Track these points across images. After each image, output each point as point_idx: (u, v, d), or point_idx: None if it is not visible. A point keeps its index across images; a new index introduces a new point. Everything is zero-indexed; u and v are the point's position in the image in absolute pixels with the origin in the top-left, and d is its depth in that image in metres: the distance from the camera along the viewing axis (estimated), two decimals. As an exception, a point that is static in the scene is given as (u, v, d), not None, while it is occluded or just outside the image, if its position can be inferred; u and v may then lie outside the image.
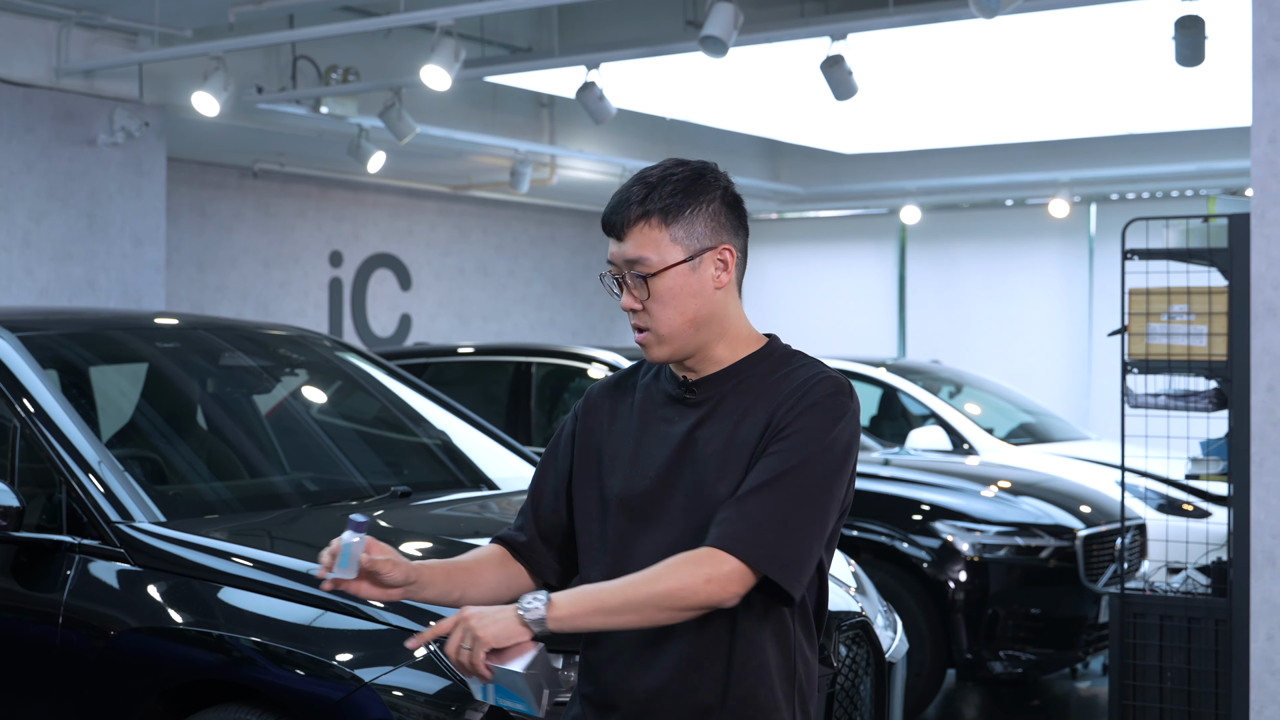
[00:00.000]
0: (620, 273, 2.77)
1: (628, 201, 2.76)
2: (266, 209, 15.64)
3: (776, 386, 2.75)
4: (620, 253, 2.76)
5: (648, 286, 2.74)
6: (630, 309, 2.76)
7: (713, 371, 2.80)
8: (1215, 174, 15.11)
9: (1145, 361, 5.93)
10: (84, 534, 4.37)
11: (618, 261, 2.77)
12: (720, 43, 8.62)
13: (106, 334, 5.57)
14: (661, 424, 2.81)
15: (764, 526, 2.60)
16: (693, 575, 2.59)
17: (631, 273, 2.75)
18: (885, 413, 11.21)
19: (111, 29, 10.54)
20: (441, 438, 5.79)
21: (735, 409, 2.75)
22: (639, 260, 2.74)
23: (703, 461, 2.74)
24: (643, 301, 2.75)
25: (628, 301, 2.76)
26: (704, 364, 2.80)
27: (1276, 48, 5.42)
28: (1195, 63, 8.59)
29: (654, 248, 2.74)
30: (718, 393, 2.78)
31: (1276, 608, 5.47)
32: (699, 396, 2.79)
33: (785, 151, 16.92)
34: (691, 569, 2.59)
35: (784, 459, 2.64)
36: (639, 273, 2.74)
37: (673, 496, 2.76)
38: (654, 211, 2.74)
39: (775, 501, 2.62)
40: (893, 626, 4.96)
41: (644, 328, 2.76)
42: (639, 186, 2.76)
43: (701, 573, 2.58)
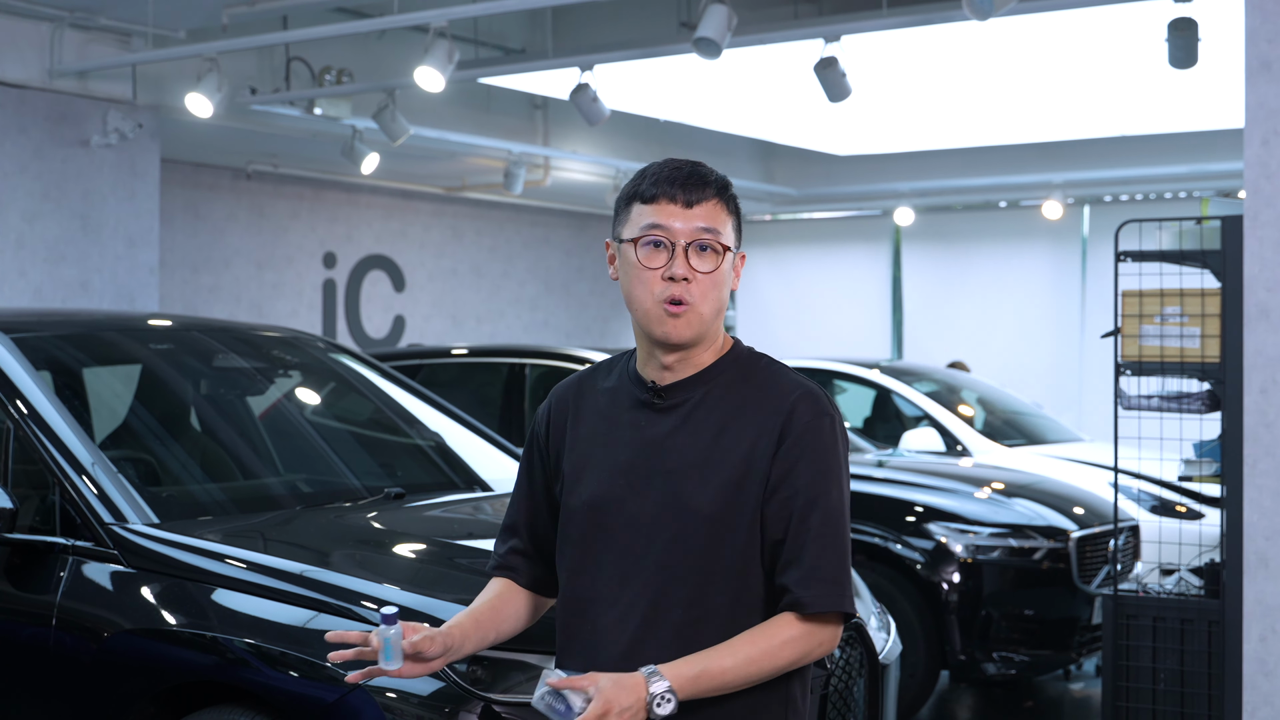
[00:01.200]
0: (672, 239, 2.71)
1: (704, 176, 2.74)
2: (260, 210, 15.63)
3: (752, 400, 2.74)
4: (689, 220, 2.71)
5: (717, 260, 2.72)
6: (682, 277, 2.69)
7: (688, 375, 2.77)
8: (1208, 176, 15.13)
9: (1138, 363, 5.94)
10: (77, 535, 4.37)
11: (679, 228, 2.71)
12: (714, 44, 8.63)
13: (100, 335, 5.56)
14: (628, 429, 2.78)
15: (835, 575, 2.67)
16: (809, 644, 2.67)
17: (700, 241, 2.70)
18: (879, 414, 11.21)
19: (105, 30, 10.54)
20: (435, 439, 5.79)
21: (710, 420, 2.74)
22: (714, 231, 2.72)
23: (678, 472, 2.73)
24: (698, 273, 2.71)
25: (682, 268, 2.69)
26: (685, 365, 2.77)
27: (1269, 50, 5.43)
28: (1188, 65, 8.60)
29: (723, 226, 2.74)
30: (687, 399, 2.76)
31: (1269, 609, 5.48)
32: (667, 401, 2.77)
33: (779, 153, 16.93)
34: (807, 639, 2.67)
35: (814, 501, 2.68)
36: (713, 243, 2.71)
37: (642, 504, 2.74)
38: (726, 196, 2.76)
39: (828, 547, 2.68)
40: (886, 628, 4.96)
41: (687, 301, 2.70)
42: (702, 168, 2.75)
43: (815, 640, 2.67)
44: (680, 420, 2.76)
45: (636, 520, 2.74)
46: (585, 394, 2.87)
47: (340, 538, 4.70)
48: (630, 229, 2.75)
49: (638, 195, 2.75)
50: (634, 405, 2.80)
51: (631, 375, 2.83)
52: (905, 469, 8.31)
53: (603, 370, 2.90)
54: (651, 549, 2.72)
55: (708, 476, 2.71)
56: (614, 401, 2.82)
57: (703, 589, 2.71)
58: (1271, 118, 5.42)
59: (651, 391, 2.78)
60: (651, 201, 2.72)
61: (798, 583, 2.66)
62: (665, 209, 2.71)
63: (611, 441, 2.79)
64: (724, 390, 2.77)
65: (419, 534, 4.87)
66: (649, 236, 2.71)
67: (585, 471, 2.80)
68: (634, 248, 2.73)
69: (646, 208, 2.73)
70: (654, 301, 2.71)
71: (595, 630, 2.75)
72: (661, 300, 2.71)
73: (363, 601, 3.93)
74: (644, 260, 2.72)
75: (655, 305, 2.71)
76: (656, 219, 2.71)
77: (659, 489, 2.73)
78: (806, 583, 2.66)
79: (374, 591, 3.98)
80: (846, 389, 11.39)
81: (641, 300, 2.73)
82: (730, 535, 2.71)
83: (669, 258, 2.70)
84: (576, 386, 2.90)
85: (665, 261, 2.71)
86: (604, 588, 2.75)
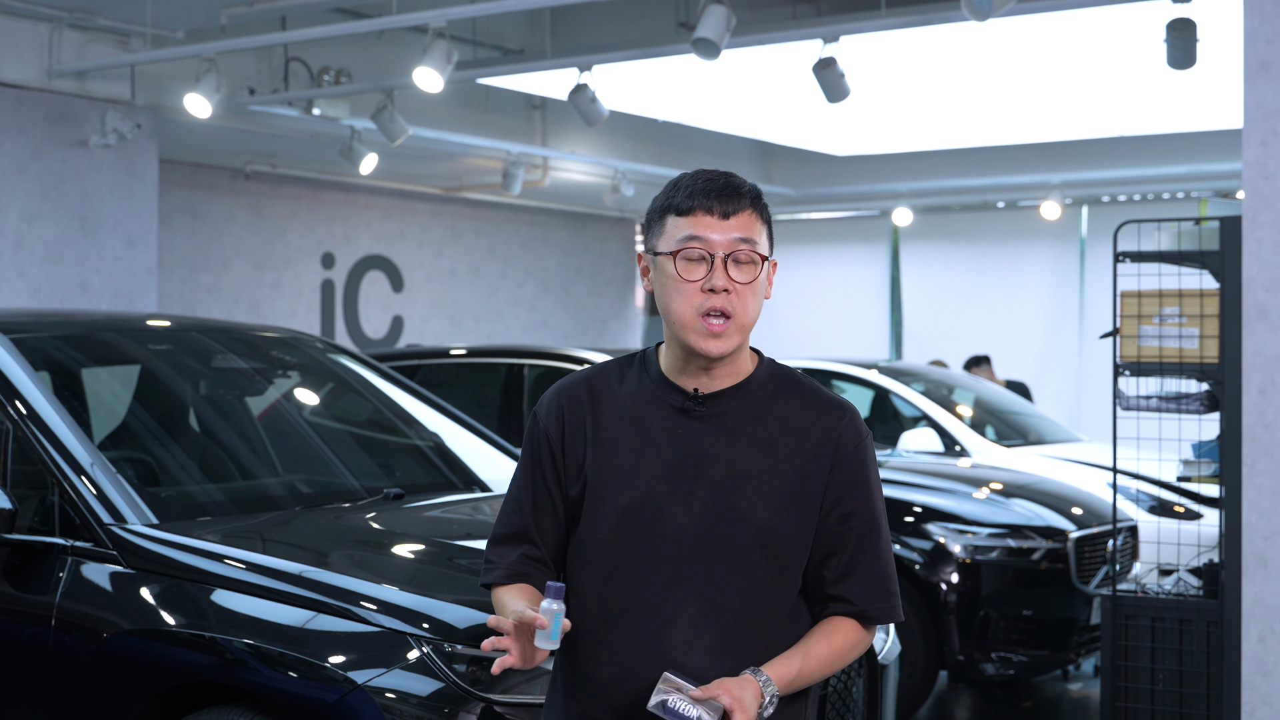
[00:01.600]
0: (711, 250, 2.71)
1: (738, 186, 2.75)
2: (258, 211, 15.63)
3: (797, 416, 2.80)
4: (726, 231, 2.72)
5: (755, 270, 2.74)
6: (723, 289, 2.70)
7: (730, 384, 2.78)
8: (1207, 176, 15.14)
9: (1137, 363, 5.94)
10: (76, 536, 4.37)
11: (717, 239, 2.71)
12: (712, 45, 8.63)
13: (99, 336, 5.57)
14: (663, 435, 2.77)
15: (893, 588, 2.83)
16: (865, 647, 2.84)
17: (738, 252, 2.72)
18: (877, 414, 11.21)
19: (103, 30, 10.53)
20: (434, 440, 5.79)
21: (759, 433, 2.77)
22: (751, 241, 2.73)
23: (727, 482, 2.74)
24: (738, 284, 2.72)
25: (722, 280, 2.70)
26: (724, 373, 2.78)
27: (1268, 51, 5.43)
28: (1187, 65, 8.60)
29: (758, 236, 2.76)
30: (728, 409, 2.77)
31: (1268, 610, 5.48)
32: (709, 410, 2.77)
33: (777, 153, 16.93)
34: (865, 643, 2.83)
35: (870, 521, 2.80)
36: (750, 253, 2.73)
37: (686, 511, 2.73)
38: (759, 206, 2.78)
39: (885, 562, 2.82)
40: (885, 628, 4.97)
41: (728, 313, 2.71)
42: (736, 178, 2.77)
43: (868, 643, 2.84)
44: (724, 430, 2.77)
45: (681, 527, 2.73)
46: (601, 397, 2.84)
47: (339, 538, 4.70)
48: (666, 241, 2.75)
49: (672, 207, 2.75)
50: (669, 411, 2.78)
51: (658, 381, 2.82)
52: (904, 469, 8.31)
53: (613, 373, 2.87)
54: (698, 556, 2.73)
55: (761, 488, 2.74)
56: (641, 406, 2.81)
57: (750, 597, 2.74)
58: (1270, 118, 5.43)
59: (693, 399, 2.78)
60: (687, 214, 2.73)
61: (862, 596, 2.79)
62: (702, 220, 2.72)
63: (644, 446, 2.77)
64: (767, 403, 2.80)
65: (418, 534, 4.88)
66: (687, 249, 2.72)
67: (615, 475, 2.77)
68: (672, 260, 2.73)
69: (682, 219, 2.73)
70: (694, 314, 2.71)
71: (636, 636, 2.74)
72: (701, 312, 2.71)
73: (361, 602, 3.94)
74: (683, 273, 2.72)
75: (695, 318, 2.71)
76: (694, 230, 2.72)
77: (704, 497, 2.73)
78: (871, 596, 2.79)
79: (372, 592, 3.98)
80: (845, 389, 11.39)
81: (681, 313, 2.73)
82: (781, 546, 2.75)
83: (708, 269, 2.71)
84: (587, 386, 2.86)
85: (704, 274, 2.71)
86: (644, 594, 2.74)
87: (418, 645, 3.81)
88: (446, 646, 3.79)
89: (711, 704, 2.58)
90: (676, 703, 2.60)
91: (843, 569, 2.78)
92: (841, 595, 2.78)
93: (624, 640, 2.74)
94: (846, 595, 2.78)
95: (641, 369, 2.85)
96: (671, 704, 2.60)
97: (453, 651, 3.78)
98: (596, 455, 2.79)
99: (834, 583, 2.78)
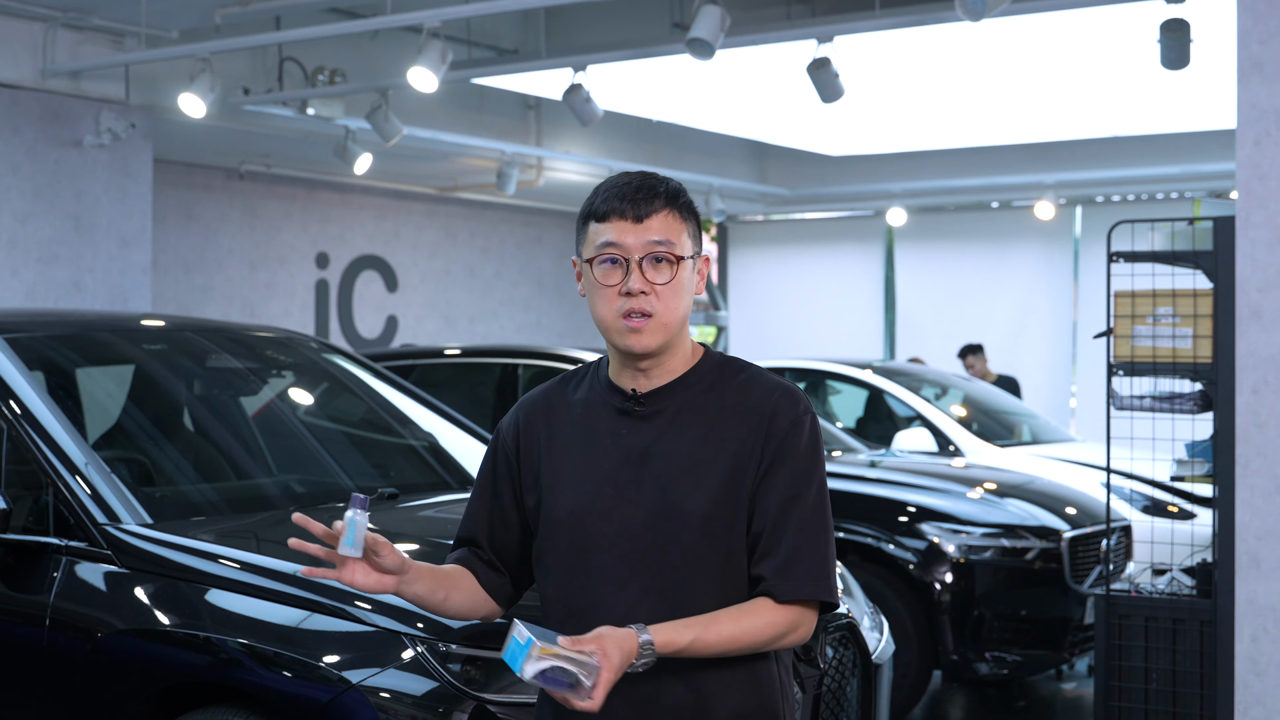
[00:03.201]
0: (626, 254, 2.75)
1: (653, 188, 2.78)
2: (253, 211, 15.62)
3: (734, 403, 2.80)
4: (641, 234, 2.75)
5: (673, 270, 2.76)
6: (640, 291, 2.74)
7: (665, 382, 2.82)
8: (1200, 177, 15.16)
9: (1130, 363, 5.95)
10: (70, 536, 4.37)
11: (631, 243, 2.75)
12: (707, 45, 8.63)
13: (93, 336, 5.56)
14: (608, 438, 2.82)
15: (809, 566, 2.74)
16: (784, 627, 2.74)
17: (654, 254, 2.75)
18: (871, 414, 11.23)
19: (97, 30, 10.53)
20: (428, 439, 5.79)
21: (694, 424, 2.79)
22: (667, 243, 2.76)
23: (667, 476, 2.77)
24: (656, 285, 2.75)
25: (638, 283, 2.73)
26: (659, 371, 2.82)
27: (1261, 51, 5.44)
28: (1180, 66, 8.61)
29: (676, 236, 2.78)
30: (668, 405, 2.81)
31: (1261, 609, 5.49)
32: (649, 409, 2.81)
33: (772, 153, 16.95)
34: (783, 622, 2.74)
35: (793, 497, 2.75)
36: (666, 254, 2.75)
37: (634, 510, 2.77)
38: (678, 205, 2.80)
39: (806, 540, 2.75)
40: (879, 628, 4.97)
41: (647, 312, 2.74)
42: (651, 179, 2.79)
43: (791, 623, 2.74)
44: (663, 426, 2.80)
45: (629, 526, 2.77)
46: (555, 406, 2.90)
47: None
48: (588, 248, 2.80)
49: (591, 214, 2.80)
50: (612, 414, 2.83)
51: (605, 385, 2.87)
52: (898, 469, 8.32)
53: (571, 382, 2.93)
54: (649, 552, 2.76)
55: (698, 478, 2.76)
56: (589, 411, 2.86)
57: (702, 588, 2.76)
58: (1263, 118, 5.44)
59: (632, 399, 2.82)
60: (604, 219, 2.78)
61: (774, 572, 2.74)
62: (617, 225, 2.76)
63: (591, 450, 2.82)
64: (704, 395, 2.82)
65: (412, 534, 4.87)
66: (604, 255, 2.77)
67: (565, 481, 2.83)
68: (591, 267, 2.79)
69: (600, 225, 2.78)
70: (614, 316, 2.77)
71: None
72: (620, 314, 2.76)
73: (356, 601, 3.94)
74: (601, 279, 2.77)
75: (616, 320, 2.77)
76: (609, 236, 2.76)
77: (649, 493, 2.77)
78: (783, 573, 2.74)
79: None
80: (839, 389, 11.41)
81: (603, 316, 2.79)
82: (722, 532, 2.77)
83: (624, 274, 2.76)
84: (544, 399, 2.94)
85: (621, 278, 2.76)
86: (602, 593, 2.78)
87: (412, 645, 3.81)
88: (441, 646, 3.79)
89: (587, 663, 2.54)
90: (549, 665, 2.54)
91: (764, 548, 2.76)
92: (758, 574, 2.77)
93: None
94: (761, 572, 2.76)
95: (594, 376, 2.91)
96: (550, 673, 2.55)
97: (447, 651, 3.78)
98: (550, 463, 2.86)
99: (755, 562, 2.77)
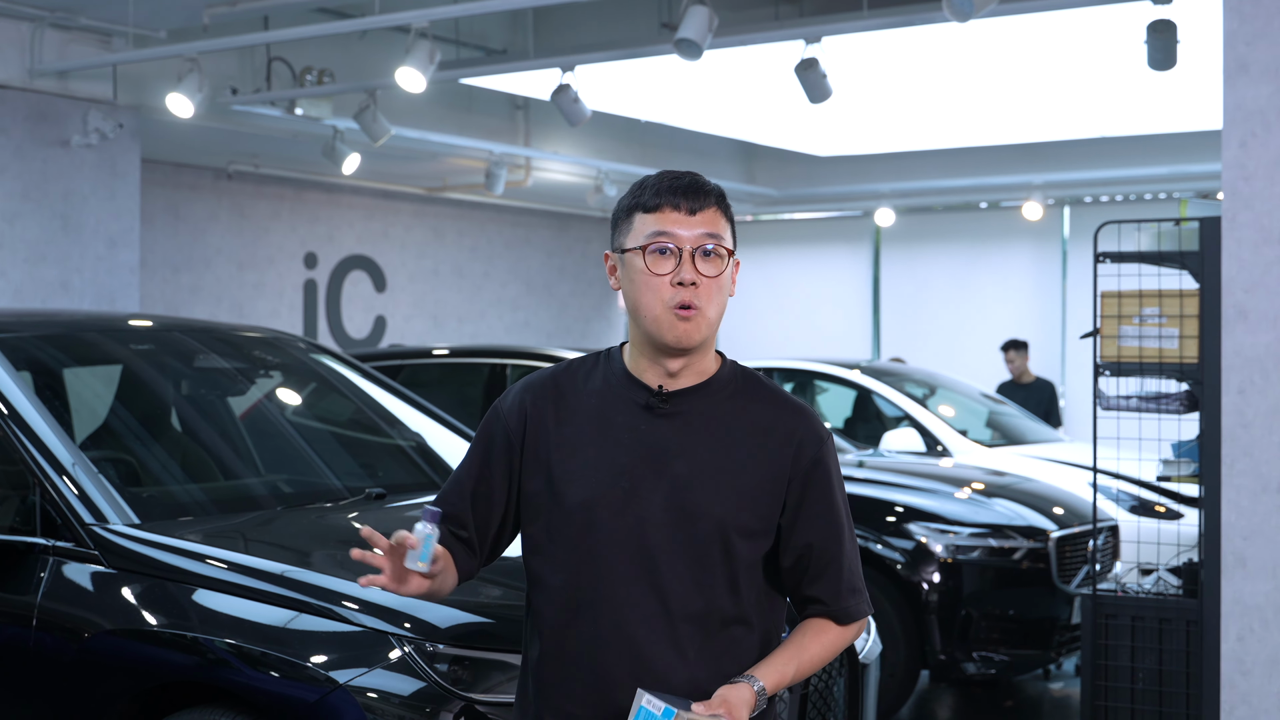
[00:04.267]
0: (679, 244, 2.75)
1: (704, 185, 2.81)
2: (241, 211, 15.61)
3: (758, 419, 2.83)
4: (693, 226, 2.77)
5: (722, 264, 2.78)
6: (691, 281, 2.74)
7: (692, 383, 2.82)
8: (1188, 177, 15.19)
9: (1117, 364, 5.96)
10: (58, 536, 4.37)
11: (684, 234, 2.76)
12: (695, 45, 8.64)
13: (80, 336, 5.56)
14: (626, 432, 2.80)
15: (859, 586, 2.91)
16: (846, 643, 2.93)
17: (707, 246, 2.77)
18: (859, 414, 11.23)
19: (85, 30, 10.51)
20: (416, 439, 5.79)
21: (720, 431, 2.81)
22: (718, 236, 2.78)
23: (688, 478, 2.77)
24: (705, 278, 2.76)
25: (690, 273, 2.74)
26: (689, 372, 2.82)
27: (1247, 52, 5.45)
28: (1167, 66, 8.63)
29: (723, 233, 2.80)
30: (691, 408, 2.81)
31: (1247, 609, 5.50)
32: (672, 408, 2.81)
33: (760, 154, 16.95)
34: (844, 639, 2.92)
35: (835, 521, 2.86)
36: (717, 247, 2.78)
37: (649, 507, 2.77)
38: (724, 205, 2.83)
39: (851, 561, 2.89)
40: (866, 628, 4.98)
41: (696, 305, 2.75)
42: (699, 178, 2.82)
43: (850, 638, 2.93)
44: (686, 427, 2.80)
45: (643, 522, 2.77)
46: (566, 393, 2.87)
47: (321, 538, 4.70)
48: (634, 238, 2.79)
49: (639, 205, 2.80)
50: (633, 408, 2.82)
51: (622, 379, 2.85)
52: (886, 469, 8.32)
53: (579, 371, 2.91)
54: (659, 552, 2.76)
55: (720, 486, 2.78)
56: (605, 403, 2.84)
57: (709, 594, 2.78)
58: (1249, 119, 5.45)
59: (658, 396, 2.81)
60: (655, 210, 2.78)
61: (833, 596, 2.87)
62: (669, 217, 2.77)
63: (607, 443, 2.81)
64: (729, 403, 2.84)
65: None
66: (656, 244, 2.76)
67: (579, 471, 2.81)
68: (641, 255, 2.77)
69: (650, 216, 2.78)
70: (664, 308, 2.75)
71: (598, 630, 2.78)
72: (672, 306, 2.75)
73: (344, 602, 3.94)
74: (652, 267, 2.76)
75: (666, 311, 2.75)
76: (662, 226, 2.76)
77: (666, 493, 2.77)
78: (840, 595, 2.87)
79: (355, 592, 3.98)
80: (827, 389, 11.42)
81: (650, 306, 2.77)
82: (743, 541, 2.79)
83: (676, 263, 2.76)
84: (553, 384, 2.90)
85: (673, 267, 2.76)
86: (607, 588, 2.78)
87: (399, 645, 3.81)
88: (428, 646, 3.79)
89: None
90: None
91: (814, 570, 2.85)
92: (815, 596, 2.86)
93: (587, 633, 2.78)
94: (819, 596, 2.86)
95: (606, 367, 2.89)
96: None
97: (434, 651, 3.79)
98: (561, 451, 2.83)
99: (809, 584, 2.86)
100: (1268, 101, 5.42)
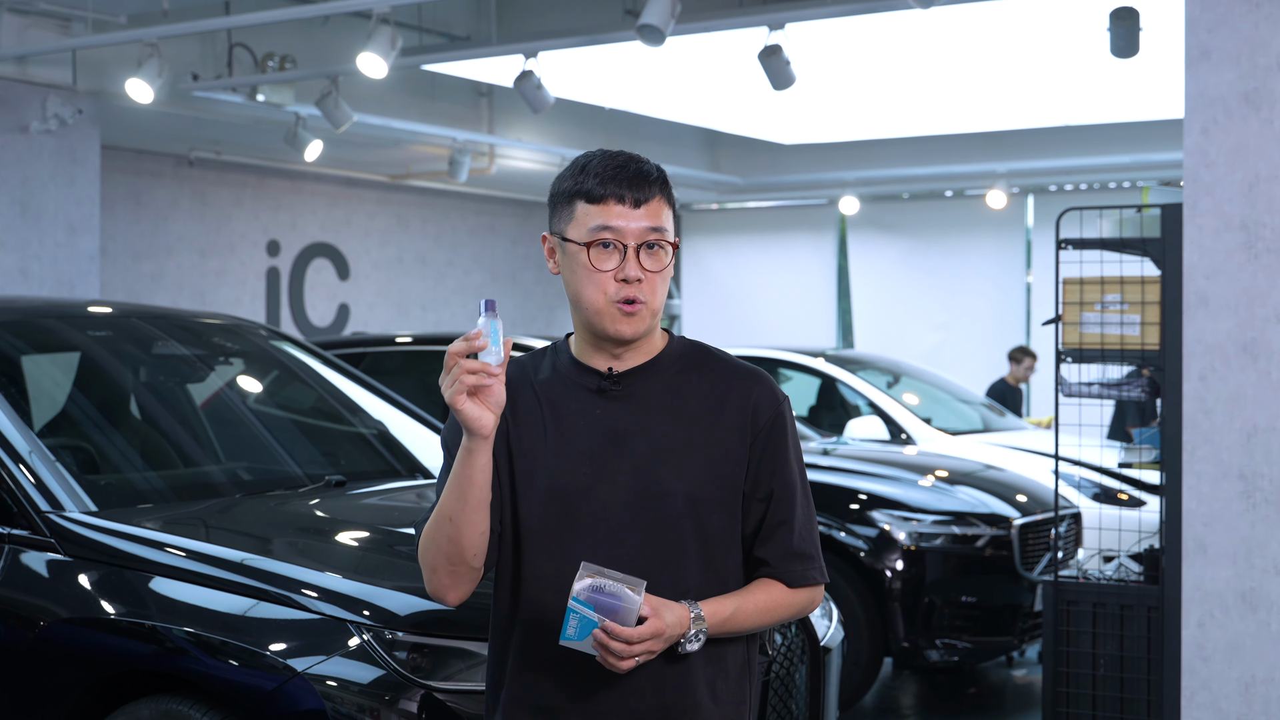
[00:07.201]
0: (623, 240, 2.70)
1: (647, 173, 2.74)
2: (203, 198, 15.53)
3: (710, 388, 2.80)
4: (638, 220, 2.71)
5: (665, 257, 2.74)
6: (636, 279, 2.70)
7: (638, 363, 2.79)
8: (1152, 166, 15.26)
9: (1079, 350, 5.97)
10: (13, 524, 4.33)
11: (629, 229, 2.70)
12: (658, 31, 8.62)
13: (39, 322, 5.51)
14: (579, 417, 2.77)
15: (809, 551, 2.84)
16: (799, 606, 2.85)
17: (651, 240, 2.72)
18: (824, 402, 11.24)
19: (44, 14, 10.43)
20: (378, 427, 5.76)
21: (671, 406, 2.78)
22: (662, 230, 2.74)
23: (650, 457, 2.75)
24: (650, 272, 2.72)
25: (635, 270, 2.70)
26: (632, 354, 2.78)
27: (1209, 39, 5.46)
28: (1130, 54, 8.66)
29: (667, 223, 2.76)
30: (641, 387, 2.78)
31: (1208, 595, 5.52)
32: (624, 389, 2.78)
33: (724, 142, 16.95)
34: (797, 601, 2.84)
35: (788, 484, 2.81)
36: (660, 242, 2.73)
37: (613, 490, 2.74)
38: (665, 190, 2.77)
39: (802, 526, 2.84)
40: (828, 615, 4.98)
41: (642, 300, 2.71)
42: (641, 161, 2.76)
43: (804, 602, 2.86)
44: (641, 407, 2.78)
45: (609, 506, 2.74)
46: (519, 387, 2.82)
47: (281, 525, 4.67)
48: (577, 229, 2.73)
49: (582, 193, 2.73)
50: (583, 393, 2.79)
51: (570, 367, 2.82)
52: (850, 457, 8.33)
53: (529, 366, 2.87)
54: (629, 533, 2.73)
55: (683, 461, 2.75)
56: (555, 391, 2.81)
57: (683, 571, 2.75)
58: (1211, 106, 5.46)
59: (608, 379, 2.78)
60: (599, 201, 2.71)
61: (779, 558, 2.80)
62: (613, 209, 2.70)
63: (562, 430, 2.78)
64: (680, 377, 2.81)
65: (360, 521, 4.86)
66: (600, 239, 2.71)
67: (539, 462, 2.78)
68: (585, 251, 2.71)
69: (593, 208, 2.71)
70: (607, 301, 2.71)
71: None
72: (615, 300, 2.71)
73: (303, 590, 3.91)
74: (595, 263, 2.71)
75: (609, 305, 2.72)
76: (605, 220, 2.70)
77: (629, 474, 2.74)
78: (787, 559, 2.80)
79: (313, 579, 3.96)
80: (792, 377, 11.41)
81: (593, 300, 2.72)
82: (711, 515, 2.77)
83: (621, 260, 2.71)
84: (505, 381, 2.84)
85: (617, 263, 2.71)
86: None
87: (358, 633, 3.79)
88: (387, 634, 3.77)
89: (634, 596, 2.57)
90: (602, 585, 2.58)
91: (764, 533, 2.81)
92: (762, 558, 2.82)
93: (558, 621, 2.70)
94: (766, 557, 2.81)
95: (555, 358, 2.86)
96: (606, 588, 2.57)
97: (393, 639, 3.77)
98: (519, 445, 2.79)
99: (759, 546, 2.81)
100: (1229, 88, 5.43)
